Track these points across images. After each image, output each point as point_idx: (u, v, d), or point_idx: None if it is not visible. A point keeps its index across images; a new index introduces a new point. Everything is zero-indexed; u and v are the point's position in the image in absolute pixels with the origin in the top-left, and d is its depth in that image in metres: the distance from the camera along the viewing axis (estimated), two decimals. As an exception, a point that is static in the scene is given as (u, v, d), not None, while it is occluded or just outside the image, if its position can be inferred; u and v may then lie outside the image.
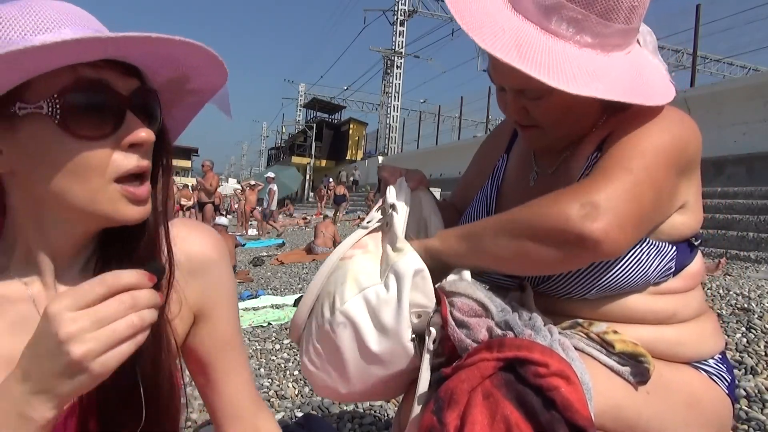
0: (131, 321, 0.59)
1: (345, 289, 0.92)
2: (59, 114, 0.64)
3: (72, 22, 0.67)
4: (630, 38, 0.94)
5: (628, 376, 0.87)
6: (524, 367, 0.71)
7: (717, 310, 2.82)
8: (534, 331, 0.79)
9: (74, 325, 0.57)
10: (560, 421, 0.68)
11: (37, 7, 0.66)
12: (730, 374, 1.00)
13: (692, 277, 0.98)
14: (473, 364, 0.75)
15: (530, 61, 0.86)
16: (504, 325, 0.81)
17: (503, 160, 1.20)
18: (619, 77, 0.90)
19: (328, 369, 0.96)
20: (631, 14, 0.90)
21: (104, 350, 0.57)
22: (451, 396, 0.73)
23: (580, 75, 0.86)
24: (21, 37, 0.63)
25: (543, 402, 0.69)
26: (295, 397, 2.39)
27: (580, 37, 0.90)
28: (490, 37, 0.89)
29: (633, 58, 0.95)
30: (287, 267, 8.00)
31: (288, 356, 2.98)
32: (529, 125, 1.01)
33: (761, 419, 1.64)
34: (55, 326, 0.57)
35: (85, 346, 0.56)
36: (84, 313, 0.58)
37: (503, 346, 0.75)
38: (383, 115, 30.97)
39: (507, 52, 0.87)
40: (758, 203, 6.69)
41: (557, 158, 1.06)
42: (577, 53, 0.89)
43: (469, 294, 0.86)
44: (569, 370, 0.72)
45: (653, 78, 0.96)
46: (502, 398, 0.70)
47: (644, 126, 0.91)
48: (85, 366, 0.57)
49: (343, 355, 0.92)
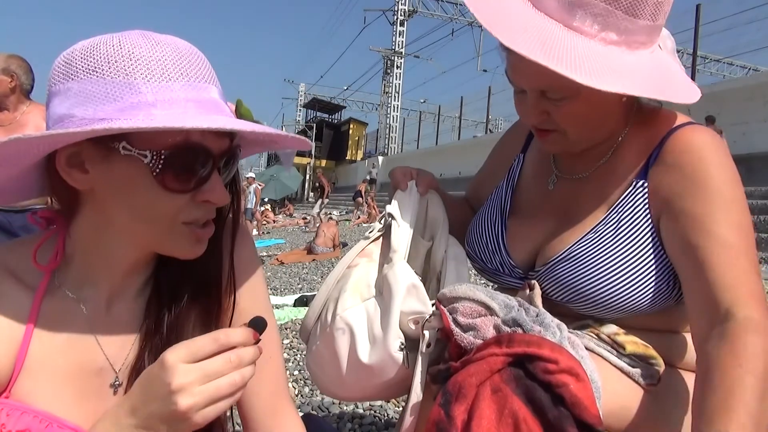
0: (234, 380, 0.64)
1: (347, 296, 0.95)
2: (159, 168, 0.67)
3: (194, 74, 0.70)
4: (654, 36, 0.92)
5: (638, 378, 0.87)
6: (533, 363, 0.71)
7: (717, 310, 2.81)
8: (543, 328, 0.79)
9: (186, 378, 0.62)
10: (568, 417, 0.67)
11: (163, 50, 0.68)
12: None
13: None
14: (482, 359, 0.74)
15: (556, 59, 0.83)
16: (512, 322, 0.80)
17: (519, 161, 1.18)
18: (647, 75, 0.88)
19: (327, 371, 0.98)
20: (656, 10, 0.88)
21: (206, 404, 0.62)
22: (459, 390, 0.73)
23: (606, 72, 0.84)
24: (145, 81, 0.66)
25: (552, 398, 0.69)
26: (295, 397, 2.39)
27: (605, 34, 0.87)
28: (514, 35, 0.86)
29: (658, 57, 0.93)
30: (287, 267, 8.00)
31: (288, 356, 2.98)
32: (549, 129, 0.98)
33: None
34: (169, 376, 0.62)
35: (192, 399, 0.61)
36: (196, 367, 0.63)
37: (513, 341, 0.74)
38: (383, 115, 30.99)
39: (532, 50, 0.84)
40: (758, 203, 6.70)
41: (583, 165, 1.03)
42: (603, 50, 0.87)
43: (470, 296, 0.86)
44: (579, 367, 0.72)
45: (677, 78, 0.94)
46: (511, 393, 0.70)
47: (714, 180, 0.87)
48: (188, 417, 0.62)
49: (340, 360, 0.94)
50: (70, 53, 0.69)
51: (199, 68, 0.71)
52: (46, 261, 0.75)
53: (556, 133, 0.98)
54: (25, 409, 0.70)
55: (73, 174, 0.69)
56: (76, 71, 0.67)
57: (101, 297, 0.78)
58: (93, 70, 0.66)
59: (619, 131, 1.00)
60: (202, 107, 0.69)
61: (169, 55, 0.68)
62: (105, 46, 0.67)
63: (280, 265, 8.33)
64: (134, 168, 0.68)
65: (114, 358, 0.78)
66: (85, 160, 0.68)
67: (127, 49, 0.67)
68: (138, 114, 0.65)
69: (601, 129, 0.98)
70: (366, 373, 0.93)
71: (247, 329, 0.68)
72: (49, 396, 0.73)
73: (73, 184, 0.70)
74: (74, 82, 0.67)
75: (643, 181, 0.94)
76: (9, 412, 0.68)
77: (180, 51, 0.70)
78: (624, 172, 0.97)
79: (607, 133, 0.99)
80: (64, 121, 0.66)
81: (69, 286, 0.76)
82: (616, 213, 0.94)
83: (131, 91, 0.65)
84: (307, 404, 2.27)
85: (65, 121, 0.66)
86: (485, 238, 1.08)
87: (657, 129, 0.96)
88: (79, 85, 0.66)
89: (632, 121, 0.99)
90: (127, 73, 0.66)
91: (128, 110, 0.65)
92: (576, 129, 0.96)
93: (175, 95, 0.67)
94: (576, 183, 1.04)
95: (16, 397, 0.71)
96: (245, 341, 0.66)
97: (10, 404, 0.69)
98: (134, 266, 0.79)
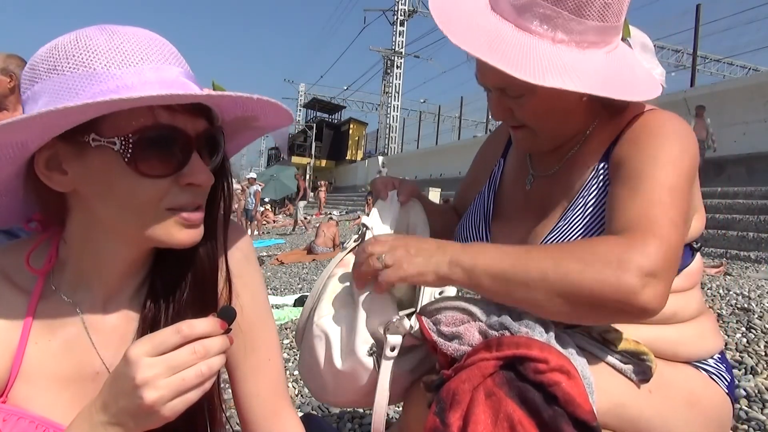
0: (200, 371, 0.63)
1: (323, 305, 0.98)
2: (130, 153, 0.66)
3: (155, 57, 0.69)
4: (608, 36, 0.93)
5: (631, 375, 0.88)
6: (524, 365, 0.71)
7: (717, 310, 2.82)
8: (529, 329, 0.80)
9: (150, 371, 0.61)
10: (563, 415, 0.68)
11: (121, 38, 0.68)
12: (730, 374, 1.01)
13: (692, 275, 0.99)
14: (473, 364, 0.75)
15: (500, 55, 0.87)
16: (498, 325, 0.81)
17: (500, 165, 1.21)
18: (593, 72, 0.90)
19: (313, 377, 1.00)
20: (605, 11, 0.90)
21: (173, 396, 0.62)
22: (453, 396, 0.73)
23: (550, 69, 0.87)
24: (105, 70, 0.66)
25: (545, 398, 0.69)
26: (295, 397, 2.39)
27: (554, 34, 0.90)
28: (464, 34, 0.91)
29: (616, 57, 0.95)
30: (287, 267, 8.01)
31: (288, 356, 2.98)
32: (517, 126, 1.02)
33: (761, 419, 1.64)
34: (133, 370, 0.61)
35: (158, 393, 0.61)
36: (159, 360, 0.62)
37: (502, 344, 0.75)
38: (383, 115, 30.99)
39: (478, 48, 0.88)
40: (758, 203, 6.70)
41: (554, 160, 1.07)
42: (550, 49, 0.90)
43: (450, 305, 0.88)
44: (569, 365, 0.72)
45: (637, 76, 0.96)
46: (505, 396, 0.70)
47: (658, 146, 0.90)
48: (155, 410, 0.61)
49: (320, 367, 0.96)
50: (33, 59, 0.69)
51: (161, 51, 0.70)
52: (40, 265, 0.75)
53: (525, 129, 1.01)
54: (21, 414, 0.69)
55: (53, 177, 0.69)
56: (38, 74, 0.67)
57: (97, 300, 0.77)
58: (53, 68, 0.66)
59: (587, 126, 1.03)
60: (166, 86, 0.68)
61: (127, 42, 0.68)
62: (62, 44, 0.68)
63: (280, 265, 8.34)
64: (107, 158, 0.67)
65: (110, 362, 0.77)
66: (62, 161, 0.68)
67: (83, 43, 0.67)
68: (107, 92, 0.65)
69: (567, 125, 1.01)
70: (343, 380, 0.94)
71: (213, 319, 0.66)
72: (46, 401, 0.72)
73: (56, 187, 0.70)
74: (38, 84, 0.67)
75: (604, 163, 0.97)
76: (5, 417, 0.68)
77: (139, 37, 0.69)
78: (589, 159, 1.00)
79: (573, 129, 1.02)
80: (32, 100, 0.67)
81: (64, 290, 0.76)
82: (582, 198, 0.97)
83: (92, 81, 0.65)
84: (307, 404, 2.28)
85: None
86: (470, 241, 1.09)
87: (623, 119, 0.99)
88: (43, 86, 0.67)
89: (601, 115, 1.02)
90: (87, 65, 0.66)
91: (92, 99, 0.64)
92: (540, 125, 0.99)
93: (137, 78, 0.66)
94: (549, 179, 1.07)
95: (12, 402, 0.71)
96: (211, 331, 0.65)
97: (6, 409, 0.69)
98: (129, 267, 0.79)
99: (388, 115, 30.05)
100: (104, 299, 0.78)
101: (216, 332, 0.65)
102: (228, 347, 0.66)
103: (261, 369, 0.87)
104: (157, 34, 0.73)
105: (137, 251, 0.77)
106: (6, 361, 0.71)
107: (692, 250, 0.99)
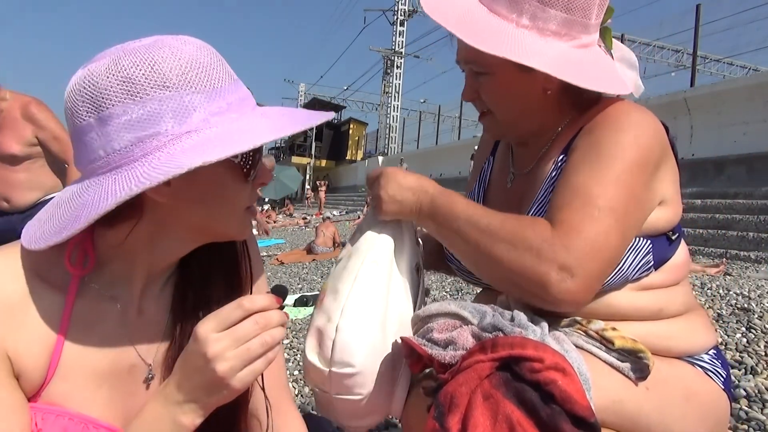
0: (264, 339, 0.67)
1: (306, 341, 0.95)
2: (249, 164, 0.74)
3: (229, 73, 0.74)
4: (574, 30, 0.96)
5: (628, 372, 0.88)
6: (520, 365, 0.71)
7: (717, 310, 2.82)
8: (522, 329, 0.80)
9: (218, 345, 0.65)
10: (561, 413, 0.68)
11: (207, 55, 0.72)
12: (725, 370, 1.01)
13: (675, 269, 0.98)
14: (469, 367, 0.75)
15: (463, 26, 0.95)
16: (491, 327, 0.82)
17: (489, 163, 1.24)
18: (546, 56, 0.94)
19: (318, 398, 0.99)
20: (569, 4, 0.94)
21: (242, 366, 0.66)
22: (451, 400, 0.73)
23: (503, 43, 0.93)
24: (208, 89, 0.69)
25: (542, 397, 0.69)
26: (296, 397, 2.39)
27: (519, 19, 0.96)
28: (440, 8, 0.99)
29: (584, 53, 0.98)
30: (287, 267, 8.00)
31: (288, 356, 2.98)
32: (484, 111, 1.07)
33: (761, 419, 1.64)
34: (203, 347, 0.65)
35: (228, 363, 0.65)
36: (225, 333, 0.66)
37: (496, 345, 0.75)
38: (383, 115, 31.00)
39: (447, 20, 0.96)
40: (758, 203, 6.69)
41: (530, 158, 1.08)
42: (512, 30, 0.96)
43: (441, 311, 0.89)
44: (564, 362, 0.72)
45: (601, 72, 0.98)
46: (502, 398, 0.70)
47: (605, 138, 0.92)
48: (227, 382, 0.65)
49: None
50: (123, 70, 0.66)
51: (227, 64, 0.75)
52: (74, 263, 0.74)
53: (489, 115, 1.07)
54: (59, 412, 0.70)
55: (158, 189, 0.67)
56: (141, 89, 0.66)
57: (134, 294, 0.78)
58: (163, 85, 0.66)
59: (558, 123, 1.05)
60: (252, 102, 0.75)
61: (215, 59, 0.72)
62: (162, 59, 0.67)
63: (280, 265, 8.33)
64: (223, 169, 0.71)
65: (145, 353, 0.79)
66: None
67: (186, 58, 0.69)
68: (222, 119, 0.69)
69: (529, 115, 1.04)
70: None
71: (269, 295, 0.71)
72: (83, 397, 0.73)
73: (157, 198, 0.70)
74: (143, 102, 0.66)
75: (563, 155, 0.99)
76: (44, 416, 0.68)
77: (215, 52, 0.73)
78: (555, 154, 1.03)
79: (540, 123, 1.05)
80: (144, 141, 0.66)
81: (102, 285, 0.76)
82: (543, 191, 1.00)
83: (203, 100, 0.68)
84: (307, 404, 2.28)
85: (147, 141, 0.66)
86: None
87: (592, 113, 0.99)
88: (150, 105, 0.66)
89: (573, 113, 1.03)
90: (197, 83, 0.68)
91: (210, 119, 0.68)
92: (499, 109, 1.04)
93: (235, 95, 0.72)
94: (525, 177, 1.09)
95: (48, 400, 0.71)
96: (269, 305, 0.69)
97: (44, 408, 0.70)
98: (172, 263, 0.81)
99: (388, 115, 30.05)
100: (141, 292, 0.79)
101: (273, 306, 0.70)
102: (286, 321, 0.70)
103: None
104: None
105: (191, 247, 0.80)
106: (43, 361, 0.71)
107: (669, 240, 0.98)
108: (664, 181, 0.95)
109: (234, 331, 0.66)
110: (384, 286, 0.95)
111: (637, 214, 0.91)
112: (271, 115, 0.75)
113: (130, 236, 0.73)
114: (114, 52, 0.68)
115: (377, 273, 0.95)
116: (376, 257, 0.97)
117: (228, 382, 0.65)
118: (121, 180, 0.65)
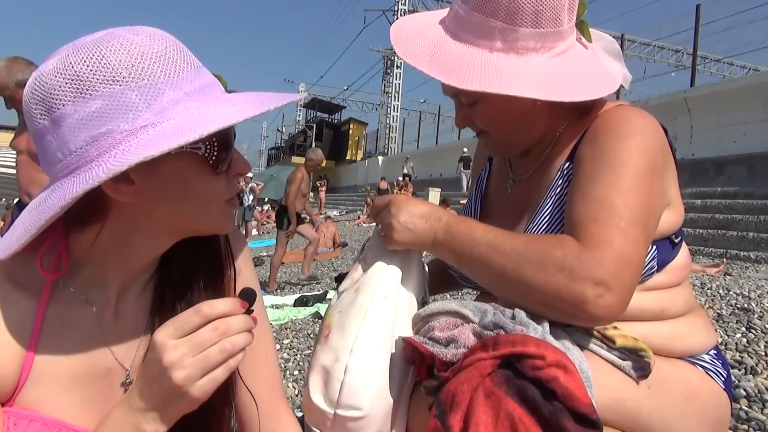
0: (223, 347, 0.64)
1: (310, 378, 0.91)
2: (215, 155, 0.71)
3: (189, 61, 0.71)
4: (548, 42, 0.95)
5: (630, 371, 0.88)
6: (521, 362, 0.71)
7: (717, 310, 2.82)
8: (523, 326, 0.80)
9: (175, 352, 0.62)
10: (562, 410, 0.68)
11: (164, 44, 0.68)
12: (726, 370, 1.01)
13: (678, 270, 0.98)
14: (471, 365, 0.74)
15: (438, 65, 0.93)
16: (492, 325, 0.82)
17: (486, 169, 1.24)
18: (527, 77, 0.92)
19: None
20: (537, 18, 0.92)
21: (201, 374, 0.63)
22: (453, 398, 0.73)
23: (481, 74, 0.91)
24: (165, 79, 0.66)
25: (543, 394, 0.69)
26: (295, 397, 2.39)
27: (491, 43, 0.94)
28: (411, 48, 0.98)
29: (564, 60, 0.96)
30: (287, 267, 8.00)
31: (288, 356, 2.98)
32: (479, 131, 1.07)
33: (761, 419, 1.64)
34: (159, 353, 0.62)
35: (185, 371, 0.62)
36: (183, 340, 0.63)
37: (498, 343, 0.75)
38: (383, 115, 31.00)
39: (420, 60, 0.95)
40: (758, 203, 6.69)
41: (530, 164, 1.08)
42: (486, 57, 0.94)
43: (443, 310, 0.88)
44: (566, 359, 0.72)
45: (588, 76, 0.97)
46: (504, 395, 0.70)
47: (611, 147, 0.90)
48: (185, 390, 0.62)
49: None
50: (71, 67, 0.63)
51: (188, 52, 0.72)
52: (47, 266, 0.73)
53: (486, 134, 1.06)
54: (33, 417, 0.69)
55: (120, 189, 0.66)
56: (90, 86, 0.63)
57: (111, 296, 0.76)
58: (112, 80, 0.63)
59: (555, 128, 1.04)
60: (217, 89, 0.72)
61: (170, 48, 0.68)
62: (110, 52, 0.64)
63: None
64: (185, 162, 0.69)
65: (123, 356, 0.77)
66: (130, 171, 0.64)
67: (137, 50, 0.65)
68: (178, 110, 0.66)
69: (526, 129, 1.03)
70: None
71: (233, 298, 0.67)
72: (57, 401, 0.72)
73: (121, 198, 0.68)
74: (92, 99, 0.63)
75: (569, 163, 0.98)
76: (16, 421, 0.67)
77: (172, 40, 0.70)
78: (558, 160, 1.02)
79: (537, 132, 1.04)
80: (99, 140, 0.63)
81: (77, 288, 0.74)
82: (549, 198, 0.98)
83: (157, 92, 0.65)
84: (306, 404, 2.27)
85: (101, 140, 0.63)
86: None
87: (590, 118, 0.99)
88: (101, 101, 0.63)
89: (571, 116, 1.03)
90: (149, 75, 0.64)
91: (167, 110, 0.65)
92: (496, 130, 1.04)
93: (195, 83, 0.68)
94: (526, 182, 1.08)
95: (23, 405, 0.70)
96: (231, 310, 0.66)
97: (17, 413, 0.68)
98: (148, 263, 0.79)
99: (388, 115, 30.05)
100: (118, 294, 0.77)
101: (236, 311, 0.66)
102: (252, 326, 0.67)
103: (259, 367, 0.87)
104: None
105: (170, 243, 0.77)
106: (15, 366, 0.70)
107: (673, 244, 0.99)
108: (668, 183, 0.95)
109: (192, 338, 0.63)
110: (392, 323, 0.92)
111: (656, 219, 0.91)
112: (236, 101, 0.71)
113: (99, 238, 0.72)
114: (64, 50, 0.66)
115: (387, 310, 0.92)
116: (386, 292, 0.93)
117: (186, 390, 0.62)
118: (77, 183, 0.63)
